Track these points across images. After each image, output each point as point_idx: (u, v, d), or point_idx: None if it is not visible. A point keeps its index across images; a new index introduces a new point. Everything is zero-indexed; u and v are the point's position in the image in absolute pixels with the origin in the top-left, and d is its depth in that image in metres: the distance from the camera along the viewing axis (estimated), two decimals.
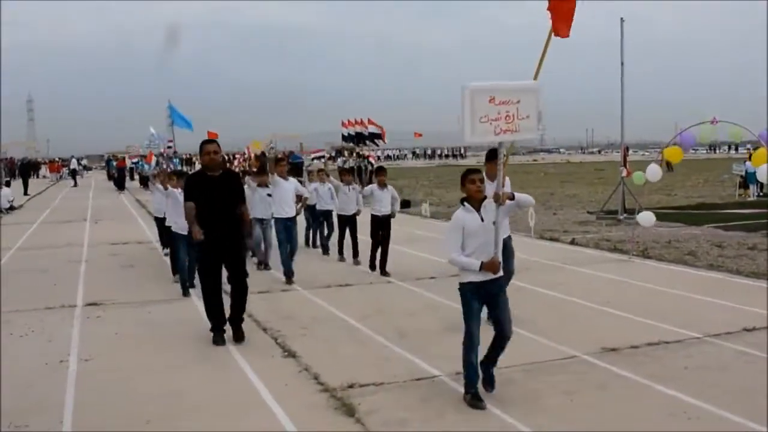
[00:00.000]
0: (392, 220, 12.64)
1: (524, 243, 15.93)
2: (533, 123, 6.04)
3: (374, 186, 12.74)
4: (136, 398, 6.44)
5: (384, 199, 12.41)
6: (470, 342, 6.08)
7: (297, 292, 10.90)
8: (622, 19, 20.05)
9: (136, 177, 49.47)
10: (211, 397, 6.44)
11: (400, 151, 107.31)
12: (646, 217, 13.62)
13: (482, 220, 5.98)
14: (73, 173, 52.08)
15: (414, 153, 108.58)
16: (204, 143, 8.42)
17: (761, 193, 26.79)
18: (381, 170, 13.19)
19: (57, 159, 74.22)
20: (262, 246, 13.21)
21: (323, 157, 26.42)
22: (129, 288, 11.59)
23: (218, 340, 8.19)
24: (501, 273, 6.10)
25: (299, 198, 12.60)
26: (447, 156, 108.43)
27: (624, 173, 19.29)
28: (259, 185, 13.04)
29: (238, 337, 8.21)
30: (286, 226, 12.04)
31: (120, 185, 42.84)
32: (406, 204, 12.66)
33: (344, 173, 14.91)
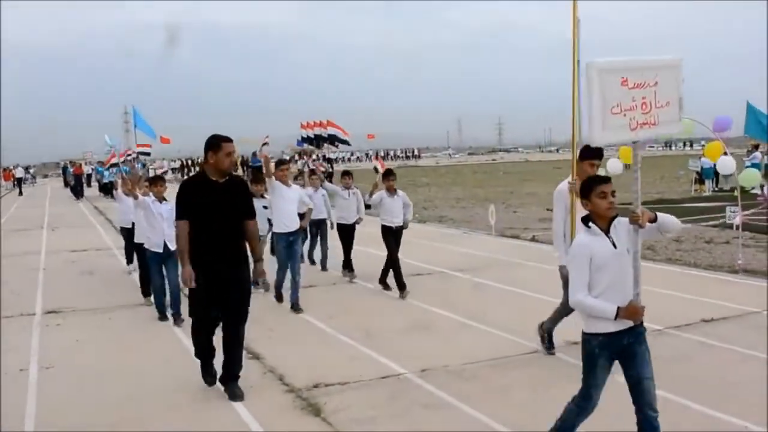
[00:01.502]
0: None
1: (485, 240, 16.09)
2: (675, 112, 4.63)
3: (383, 193, 10.81)
4: (99, 404, 6.36)
5: (396, 208, 10.75)
6: (584, 405, 4.83)
7: (261, 294, 10.84)
8: (578, 19, 20.29)
9: (94, 184, 48.21)
10: (175, 400, 6.39)
11: (353, 153, 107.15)
12: None
13: (614, 246, 4.55)
14: (19, 182, 49.82)
15: (367, 155, 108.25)
16: (219, 140, 6.27)
17: (716, 189, 27.32)
18: (389, 174, 10.99)
19: (12, 167, 72.77)
20: None
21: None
22: (89, 295, 11.42)
23: (207, 378, 6.68)
24: (642, 319, 4.59)
25: (301, 216, 10.44)
26: (399, 157, 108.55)
27: None
28: (254, 195, 11.58)
29: (235, 394, 6.32)
30: (288, 243, 9.92)
31: (77, 193, 40.48)
32: (367, 205, 12.17)
33: (344, 176, 12.56)
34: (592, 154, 6.93)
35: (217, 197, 6.21)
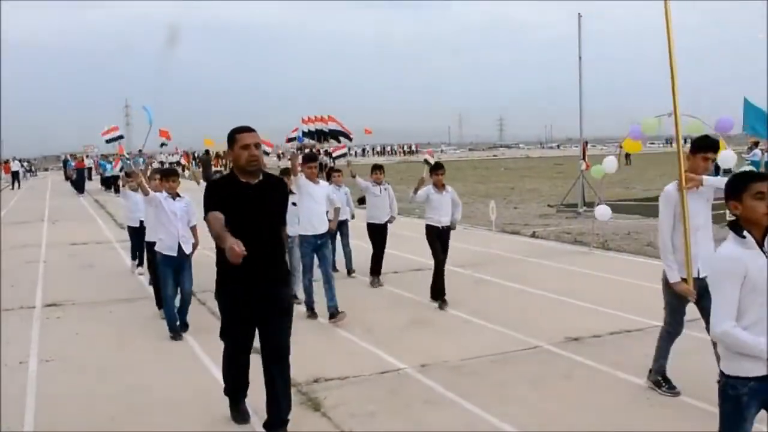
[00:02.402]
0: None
1: (485, 236, 16.09)
2: None
3: (430, 188, 9.59)
4: (99, 397, 6.36)
5: (444, 206, 9.53)
6: None
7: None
8: (579, 14, 20.32)
9: (95, 177, 47.87)
10: (174, 393, 6.39)
11: (349, 149, 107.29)
12: (603, 211, 13.80)
13: None
14: (15, 175, 48.60)
15: (363, 150, 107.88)
16: (233, 132, 5.19)
17: None
18: (438, 168, 9.71)
19: (11, 159, 72.49)
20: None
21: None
22: (89, 288, 11.42)
23: (238, 417, 5.70)
24: None
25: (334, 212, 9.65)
26: (396, 153, 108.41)
27: (583, 167, 19.52)
28: None
29: None
30: (316, 247, 8.95)
31: (79, 187, 39.29)
32: (363, 200, 11.72)
33: (374, 170, 11.38)
34: (707, 145, 5.92)
35: (249, 203, 5.05)
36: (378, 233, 11.14)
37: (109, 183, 36.29)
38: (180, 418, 5.82)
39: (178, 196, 8.43)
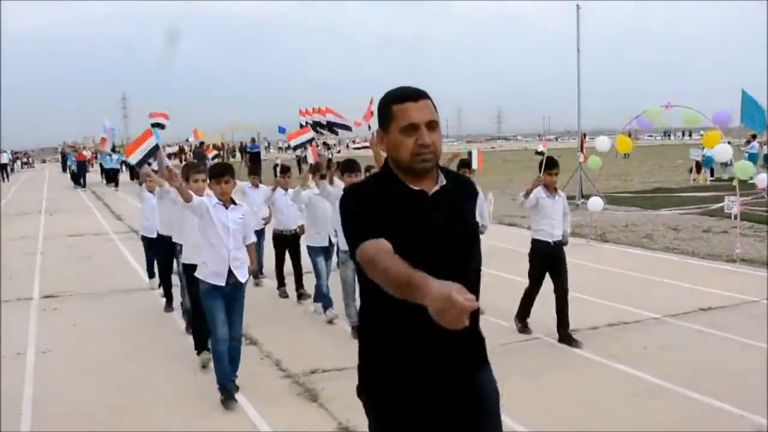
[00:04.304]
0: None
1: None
2: None
3: (541, 191, 7.62)
4: (96, 388, 6.36)
5: (556, 213, 7.66)
6: None
7: (260, 281, 10.80)
8: (578, 6, 20.27)
9: (91, 170, 47.14)
10: (172, 385, 6.39)
11: (339, 141, 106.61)
12: (595, 203, 13.80)
13: None
14: (3, 168, 47.12)
15: (354, 142, 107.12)
16: (398, 98, 2.72)
17: (713, 178, 27.29)
18: (552, 166, 7.65)
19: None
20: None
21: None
22: (86, 279, 11.40)
23: None
24: None
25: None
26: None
27: (581, 159, 19.51)
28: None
29: None
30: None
31: (79, 180, 37.38)
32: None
33: (462, 167, 8.67)
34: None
35: (427, 224, 2.72)
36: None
37: (110, 176, 35.47)
38: (177, 411, 5.82)
39: (233, 203, 6.04)
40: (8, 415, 5.79)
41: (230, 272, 5.87)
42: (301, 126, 32.44)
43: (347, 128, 26.98)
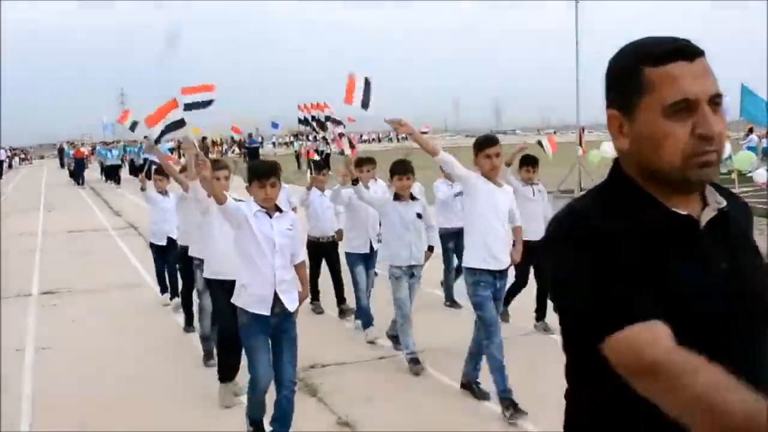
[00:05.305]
0: None
1: None
2: None
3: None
4: (96, 384, 6.37)
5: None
6: None
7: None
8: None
9: (90, 166, 46.78)
10: (171, 381, 6.40)
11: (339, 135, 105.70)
12: None
13: None
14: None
15: (360, 136, 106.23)
16: (671, 49, 1.57)
17: None
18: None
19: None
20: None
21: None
22: (86, 275, 11.41)
23: None
24: None
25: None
26: (391, 140, 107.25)
27: (580, 152, 19.53)
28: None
29: None
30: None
31: (78, 178, 36.14)
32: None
33: (525, 164, 7.59)
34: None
35: (715, 278, 1.59)
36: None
37: (110, 173, 35.12)
38: (177, 406, 5.83)
39: (278, 210, 4.81)
40: (8, 411, 5.80)
41: (276, 298, 4.69)
42: (300, 120, 32.09)
43: (342, 124, 26.96)
